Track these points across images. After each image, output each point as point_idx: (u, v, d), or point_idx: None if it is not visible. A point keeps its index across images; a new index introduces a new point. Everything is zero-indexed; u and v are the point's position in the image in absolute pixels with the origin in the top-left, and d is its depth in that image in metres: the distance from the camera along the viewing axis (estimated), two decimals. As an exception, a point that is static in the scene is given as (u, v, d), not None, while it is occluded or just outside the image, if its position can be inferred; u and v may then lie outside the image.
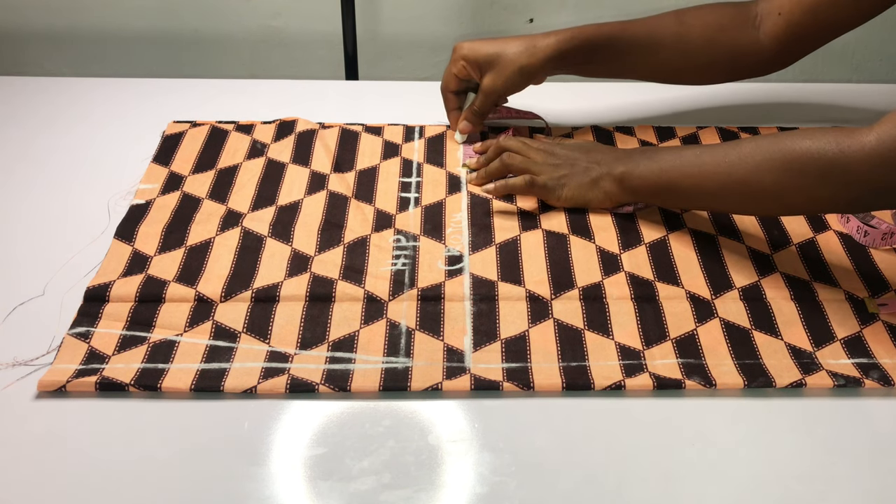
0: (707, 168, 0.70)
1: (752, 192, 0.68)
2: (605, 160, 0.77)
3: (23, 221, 0.76)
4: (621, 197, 0.77)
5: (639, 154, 0.76)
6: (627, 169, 0.75)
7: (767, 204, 0.70)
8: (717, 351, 0.65)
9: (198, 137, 0.87)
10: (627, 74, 0.87)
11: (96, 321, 0.65)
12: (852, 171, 0.61)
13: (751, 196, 0.69)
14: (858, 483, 0.57)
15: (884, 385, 0.63)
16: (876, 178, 0.61)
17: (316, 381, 0.61)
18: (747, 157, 0.67)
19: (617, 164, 0.76)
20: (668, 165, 0.72)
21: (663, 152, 0.74)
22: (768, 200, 0.68)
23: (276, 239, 0.74)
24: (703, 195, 0.72)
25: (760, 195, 0.68)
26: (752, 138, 0.69)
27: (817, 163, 0.63)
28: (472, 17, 1.21)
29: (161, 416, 0.59)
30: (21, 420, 0.58)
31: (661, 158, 0.73)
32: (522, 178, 0.78)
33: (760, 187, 0.67)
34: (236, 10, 1.19)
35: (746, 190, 0.68)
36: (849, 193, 0.64)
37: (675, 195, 0.74)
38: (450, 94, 0.88)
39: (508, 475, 0.56)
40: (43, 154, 0.85)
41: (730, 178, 0.68)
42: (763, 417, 0.61)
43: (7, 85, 0.96)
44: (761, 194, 0.67)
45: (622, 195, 0.76)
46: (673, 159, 0.72)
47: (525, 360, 0.64)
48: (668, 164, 0.72)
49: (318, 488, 0.55)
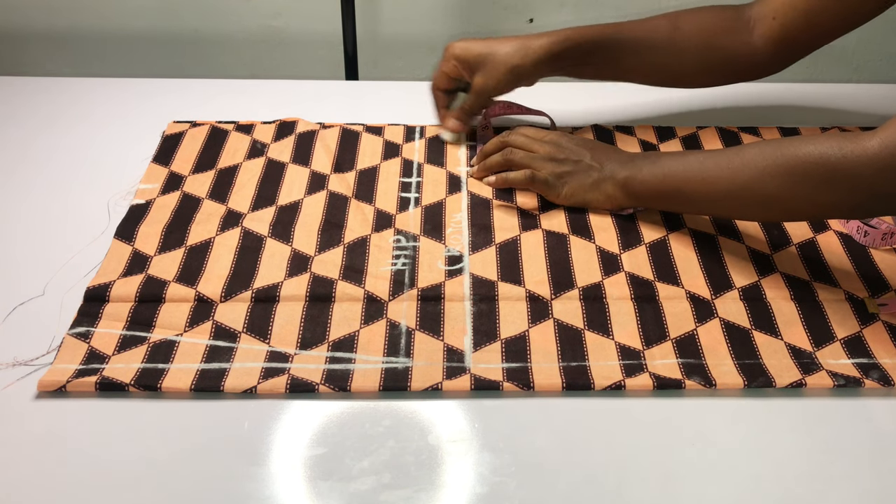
0: (710, 174, 0.69)
1: (755, 198, 0.68)
2: (608, 162, 0.77)
3: (22, 221, 0.76)
4: (623, 201, 0.77)
5: (642, 159, 0.76)
6: (631, 174, 0.75)
7: (771, 210, 0.70)
8: (717, 351, 0.65)
9: (198, 137, 0.87)
10: (622, 77, 0.87)
11: (96, 321, 0.65)
12: (856, 176, 0.61)
13: (754, 202, 0.68)
14: (858, 483, 0.57)
15: (884, 385, 0.63)
16: (879, 184, 0.61)
17: (316, 381, 0.61)
18: (751, 163, 0.67)
19: (621, 169, 0.76)
20: (671, 171, 0.72)
21: (667, 158, 0.74)
22: (772, 206, 0.68)
23: (276, 239, 0.74)
24: (707, 201, 0.72)
25: (764, 201, 0.68)
26: (755, 144, 0.69)
27: (821, 168, 0.63)
28: (471, 17, 1.21)
29: (161, 416, 0.59)
30: (21, 420, 0.58)
31: (665, 164, 0.73)
32: (523, 173, 0.78)
33: (764, 193, 0.67)
34: (236, 10, 1.19)
35: (750, 196, 0.68)
36: (852, 199, 0.63)
37: (678, 201, 0.74)
38: (439, 93, 0.88)
39: (508, 475, 0.56)
40: (43, 154, 0.85)
41: (733, 184, 0.68)
42: (763, 417, 0.61)
43: (7, 85, 0.96)
44: (765, 200, 0.67)
45: (624, 199, 0.76)
46: (676, 165, 0.72)
47: (525, 360, 0.64)
48: (672, 170, 0.72)
49: (318, 488, 0.55)
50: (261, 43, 1.23)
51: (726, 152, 0.70)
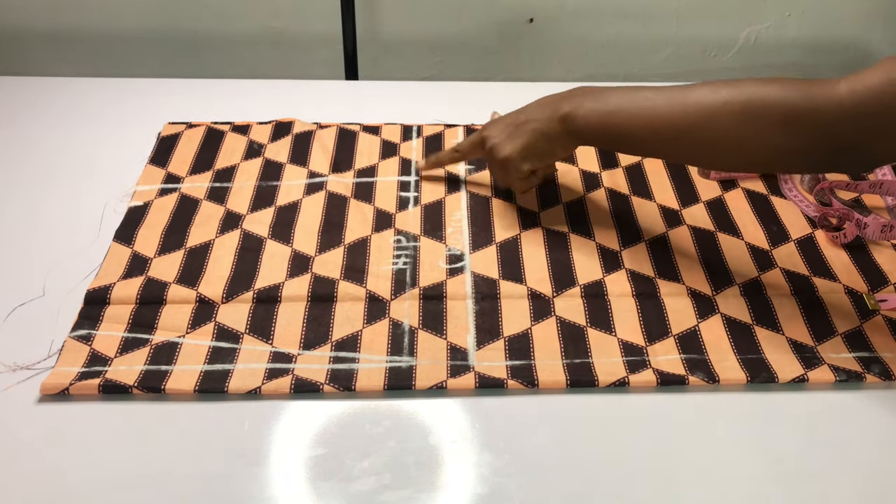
0: (659, 112, 0.64)
1: (707, 138, 0.63)
2: (556, 103, 0.71)
3: (22, 222, 0.76)
4: (567, 141, 0.70)
5: (586, 93, 0.69)
6: (572, 109, 0.69)
7: (722, 153, 0.64)
8: (720, 346, 0.65)
9: (194, 139, 0.87)
10: None
11: (97, 324, 0.65)
12: (817, 120, 0.57)
13: (706, 143, 0.63)
14: (858, 482, 0.57)
15: (884, 380, 0.63)
16: (840, 132, 0.57)
17: (320, 381, 0.61)
18: (705, 101, 0.62)
19: (562, 104, 0.70)
20: (616, 107, 0.67)
21: (612, 92, 0.68)
22: (723, 148, 0.63)
23: (276, 240, 0.74)
24: (654, 141, 0.66)
25: (716, 142, 0.62)
26: (711, 82, 0.63)
27: (780, 109, 0.59)
28: (472, 16, 1.21)
29: (161, 417, 0.59)
30: (23, 423, 0.58)
31: (610, 99, 0.68)
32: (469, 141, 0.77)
33: (717, 134, 0.62)
34: (236, 10, 1.19)
35: (701, 137, 0.63)
36: (811, 145, 0.59)
37: (624, 140, 0.68)
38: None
39: (509, 476, 0.56)
40: (43, 154, 0.85)
41: (683, 123, 0.63)
42: (765, 414, 0.61)
43: (7, 85, 0.96)
44: (716, 141, 0.62)
45: (567, 139, 0.70)
46: (622, 100, 0.67)
47: (528, 357, 0.64)
48: (617, 106, 0.67)
49: (319, 489, 0.55)
50: (260, 43, 1.23)
51: (679, 89, 0.64)
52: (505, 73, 1.27)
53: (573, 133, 0.69)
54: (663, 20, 1.22)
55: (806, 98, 0.58)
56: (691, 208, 0.79)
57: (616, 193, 0.81)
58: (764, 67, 1.27)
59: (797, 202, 0.80)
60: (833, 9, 1.20)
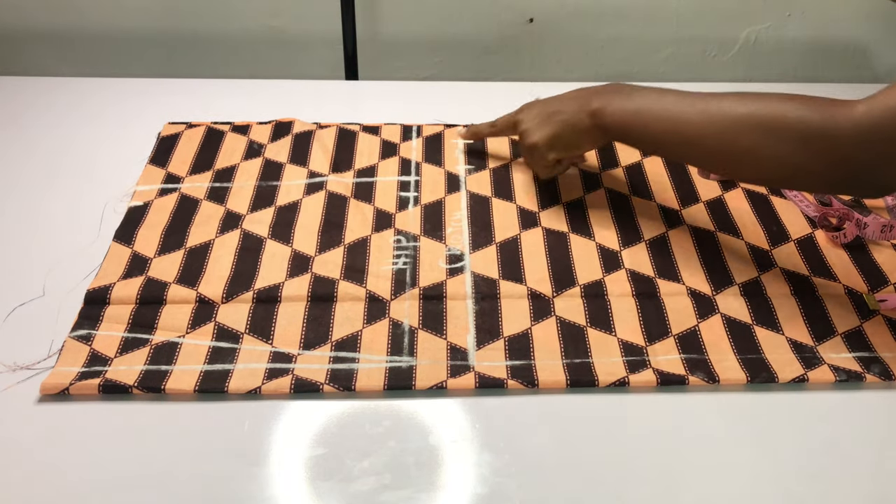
0: (684, 116, 0.66)
1: (727, 149, 0.64)
2: (584, 94, 0.74)
3: (22, 222, 0.76)
4: (596, 135, 0.73)
5: (617, 91, 0.72)
6: (602, 105, 0.71)
7: (740, 164, 0.65)
8: (719, 346, 0.65)
9: (194, 139, 0.87)
10: None
11: (97, 324, 0.65)
12: (834, 140, 0.58)
13: (725, 153, 0.64)
14: (858, 482, 0.57)
15: (884, 380, 0.63)
16: (857, 153, 0.57)
17: (320, 381, 0.61)
18: (728, 112, 0.63)
19: (593, 99, 0.72)
20: (644, 107, 0.69)
21: (643, 92, 0.71)
22: (742, 161, 0.64)
23: (276, 240, 0.74)
24: (676, 144, 0.68)
25: (735, 154, 0.64)
26: (737, 93, 0.65)
27: (798, 127, 0.59)
28: (472, 16, 1.21)
29: (161, 417, 0.59)
30: (23, 422, 0.58)
31: (639, 99, 0.70)
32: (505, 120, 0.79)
33: (737, 145, 0.63)
34: (236, 10, 1.19)
35: (722, 146, 0.64)
36: (826, 166, 0.59)
37: (647, 139, 0.70)
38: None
39: (509, 476, 0.56)
40: (43, 154, 0.85)
41: (706, 130, 0.64)
42: (765, 413, 0.61)
43: (7, 85, 0.96)
44: (736, 152, 0.63)
45: (594, 133, 0.73)
46: (650, 102, 0.69)
47: (528, 357, 0.64)
48: (645, 106, 0.69)
49: (319, 489, 0.55)
50: (260, 43, 1.23)
51: (705, 97, 0.66)
52: (505, 73, 1.27)
53: (601, 128, 0.72)
54: (663, 20, 1.22)
55: (824, 117, 0.58)
56: (691, 208, 0.79)
57: (616, 193, 0.81)
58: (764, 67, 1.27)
59: (797, 202, 0.80)
60: (833, 9, 1.20)
